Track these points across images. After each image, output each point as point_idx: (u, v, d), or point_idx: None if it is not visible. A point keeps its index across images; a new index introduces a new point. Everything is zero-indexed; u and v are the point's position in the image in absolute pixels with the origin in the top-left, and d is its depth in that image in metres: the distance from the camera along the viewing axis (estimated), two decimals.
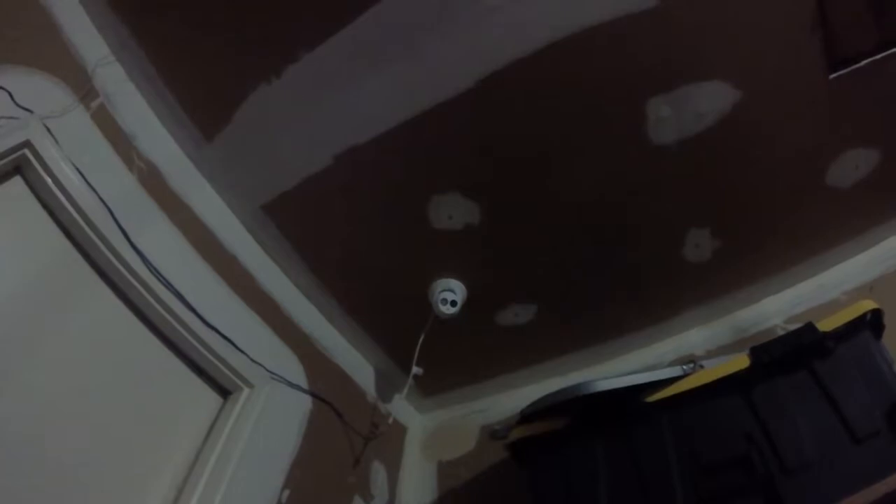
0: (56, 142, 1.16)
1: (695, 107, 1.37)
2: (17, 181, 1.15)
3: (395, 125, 1.40)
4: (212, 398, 1.44)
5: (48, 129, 1.16)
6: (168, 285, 1.31)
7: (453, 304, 1.68)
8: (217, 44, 1.35)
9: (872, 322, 1.19)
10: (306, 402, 1.63)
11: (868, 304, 1.19)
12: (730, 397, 1.21)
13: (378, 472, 1.83)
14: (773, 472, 1.09)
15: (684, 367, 1.27)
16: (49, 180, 1.15)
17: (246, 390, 1.46)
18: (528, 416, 1.41)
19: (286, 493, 1.43)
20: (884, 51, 1.33)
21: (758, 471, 1.10)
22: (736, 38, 1.28)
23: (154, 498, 1.21)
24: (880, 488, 1.01)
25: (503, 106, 1.37)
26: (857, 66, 1.34)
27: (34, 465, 1.02)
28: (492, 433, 1.56)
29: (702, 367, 1.27)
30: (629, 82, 1.33)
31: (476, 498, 1.84)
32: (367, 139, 1.44)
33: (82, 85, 1.28)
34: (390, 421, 1.86)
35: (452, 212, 1.57)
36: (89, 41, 1.33)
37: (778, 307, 1.73)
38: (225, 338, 1.41)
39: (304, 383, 1.64)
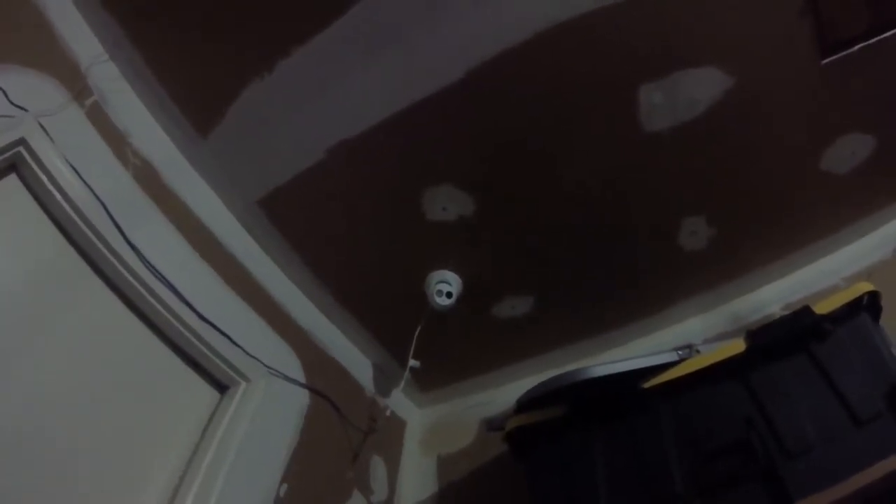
0: (51, 139, 1.18)
1: (687, 93, 1.37)
2: (12, 178, 1.16)
3: (386, 118, 1.41)
4: (209, 393, 1.44)
5: (43, 127, 1.17)
6: (163, 280, 1.32)
7: (449, 295, 1.68)
8: (209, 41, 1.36)
9: (870, 304, 1.18)
10: (304, 396, 1.63)
11: (865, 286, 1.19)
12: (728, 382, 1.21)
13: (377, 467, 1.83)
14: (773, 456, 1.08)
15: (679, 352, 1.26)
16: (44, 177, 1.16)
17: (243, 385, 1.46)
18: (525, 405, 1.41)
19: (284, 487, 1.43)
20: (876, 35, 1.33)
21: (758, 455, 1.09)
22: (725, 24, 1.27)
23: (151, 493, 1.21)
24: (883, 467, 1.00)
25: (493, 97, 1.37)
26: (850, 51, 1.33)
27: (31, 462, 1.02)
28: (488, 425, 1.55)
29: (698, 351, 1.26)
30: (620, 70, 1.33)
31: (476, 491, 1.83)
32: (358, 132, 1.44)
33: (76, 83, 1.29)
34: (388, 414, 1.86)
35: (446, 203, 1.57)
36: (83, 40, 1.34)
37: (776, 294, 1.72)
38: (221, 332, 1.42)
39: (301, 377, 1.64)
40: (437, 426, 2.11)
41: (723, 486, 1.12)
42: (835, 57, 1.34)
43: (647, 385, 1.26)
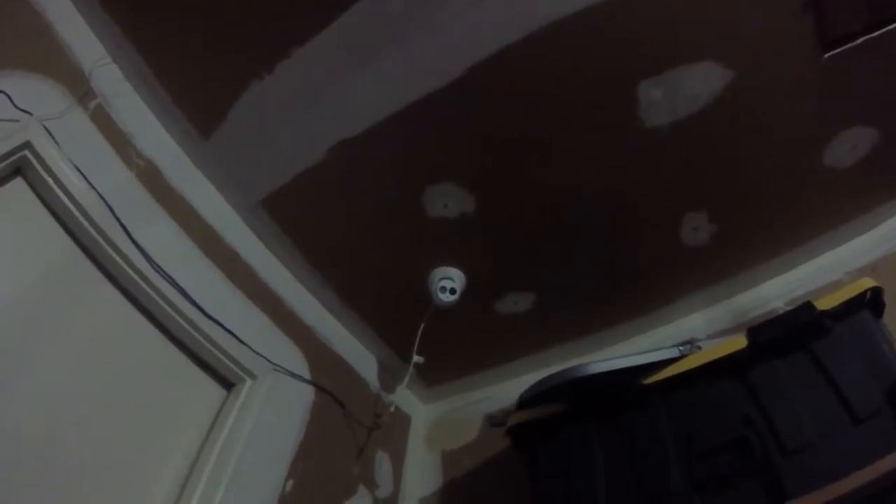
0: (56, 142, 1.19)
1: (687, 89, 1.36)
2: (18, 182, 1.18)
3: (386, 116, 1.41)
4: (215, 390, 1.47)
5: (48, 131, 1.18)
6: (170, 280, 1.34)
7: (452, 291, 1.68)
8: (209, 42, 1.36)
9: (872, 301, 1.17)
10: (309, 392, 1.65)
11: (867, 283, 1.17)
12: (727, 379, 1.21)
13: (382, 462, 1.86)
14: (771, 454, 1.08)
15: (681, 347, 1.26)
16: (50, 180, 1.18)
17: (249, 382, 1.48)
18: (526, 401, 1.42)
19: (290, 483, 1.46)
20: (878, 29, 1.31)
21: (756, 453, 1.09)
22: (725, 18, 1.26)
23: (158, 490, 1.24)
24: (881, 466, 1.00)
25: (492, 94, 1.37)
26: (852, 44, 1.32)
27: (40, 461, 1.05)
28: (490, 420, 1.56)
29: (699, 347, 1.26)
30: (619, 66, 1.33)
31: (479, 486, 1.85)
32: (359, 131, 1.45)
33: (80, 86, 1.31)
34: (392, 410, 1.88)
35: (447, 200, 1.58)
36: (85, 43, 1.36)
37: (779, 290, 1.71)
38: (227, 330, 1.44)
39: (306, 374, 1.66)
40: (441, 421, 2.13)
41: (721, 483, 1.11)
42: (837, 51, 1.33)
43: (647, 381, 1.26)
